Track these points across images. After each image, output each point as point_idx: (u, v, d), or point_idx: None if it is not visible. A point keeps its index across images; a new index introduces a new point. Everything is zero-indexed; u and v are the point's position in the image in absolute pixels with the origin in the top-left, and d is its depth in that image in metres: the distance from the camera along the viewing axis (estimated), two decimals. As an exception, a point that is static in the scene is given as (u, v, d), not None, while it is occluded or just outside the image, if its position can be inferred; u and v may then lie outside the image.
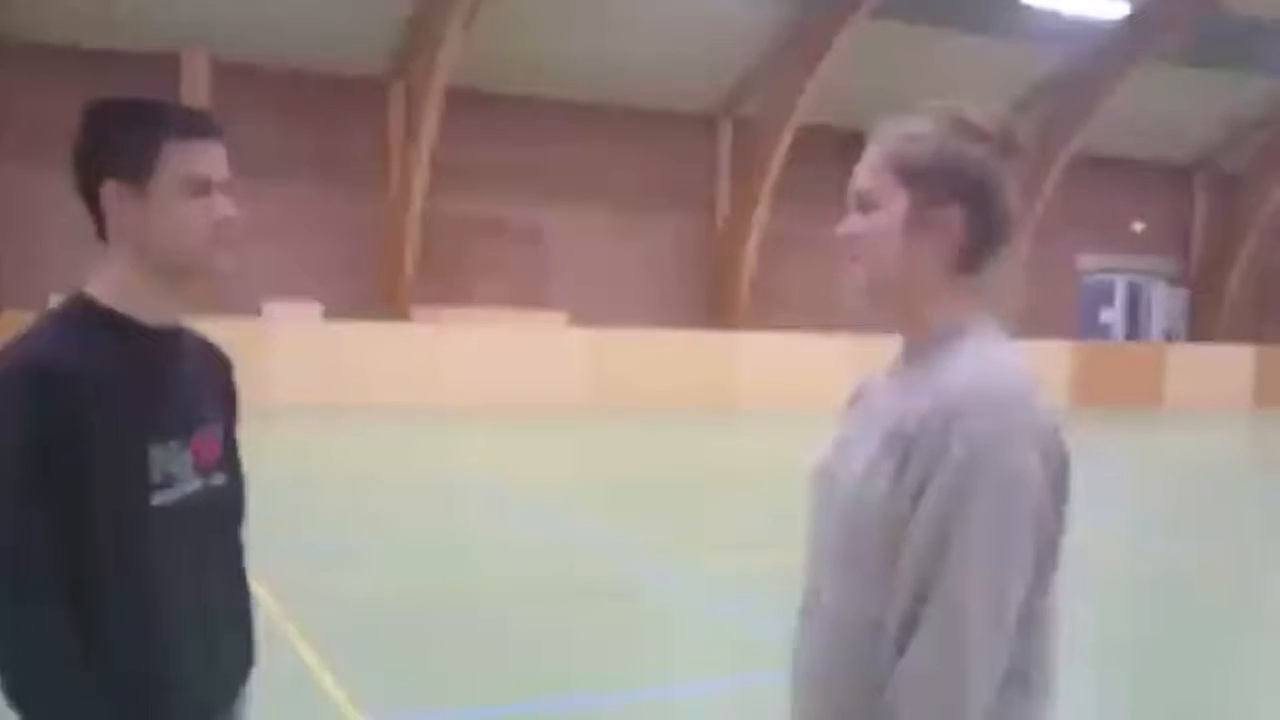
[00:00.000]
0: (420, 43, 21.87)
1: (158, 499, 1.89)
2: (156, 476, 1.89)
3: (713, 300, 26.30)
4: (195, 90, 20.76)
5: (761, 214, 25.30)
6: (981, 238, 1.76)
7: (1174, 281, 32.40)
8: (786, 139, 24.35)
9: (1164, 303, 32.14)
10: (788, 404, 21.25)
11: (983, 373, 1.65)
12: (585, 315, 23.59)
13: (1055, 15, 23.66)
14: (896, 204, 1.75)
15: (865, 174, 1.80)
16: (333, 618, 6.75)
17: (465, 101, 22.82)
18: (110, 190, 1.89)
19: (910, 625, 1.59)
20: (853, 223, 1.81)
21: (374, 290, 23.26)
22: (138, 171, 1.88)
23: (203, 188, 1.91)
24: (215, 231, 1.92)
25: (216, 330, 2.19)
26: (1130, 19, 24.19)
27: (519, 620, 6.87)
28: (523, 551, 8.86)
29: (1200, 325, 31.71)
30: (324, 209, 23.27)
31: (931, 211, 1.74)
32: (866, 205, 1.79)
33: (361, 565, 8.16)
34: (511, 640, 6.44)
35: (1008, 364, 1.69)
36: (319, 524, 9.72)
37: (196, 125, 1.93)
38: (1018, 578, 1.60)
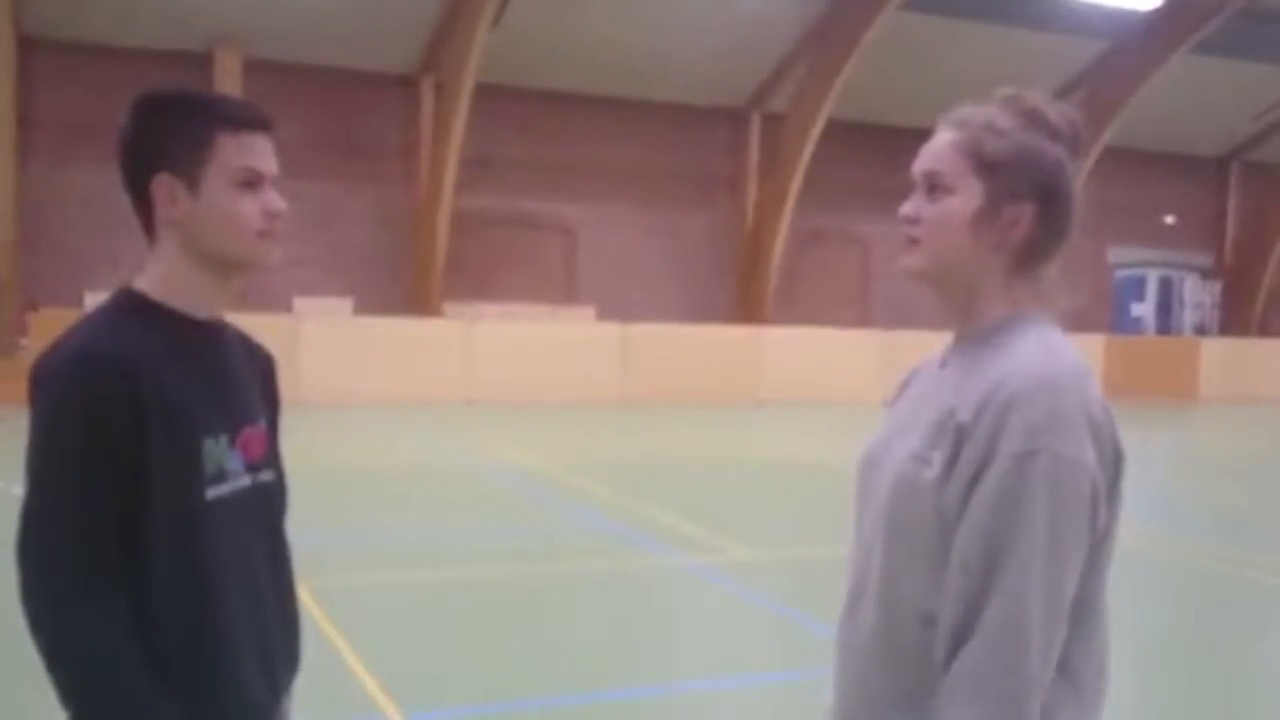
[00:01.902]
0: (450, 39, 21.93)
1: (211, 493, 1.88)
2: (209, 469, 1.89)
3: (741, 294, 26.26)
4: (227, 88, 20.90)
5: (790, 209, 25.23)
6: (1047, 235, 1.76)
7: (1206, 275, 32.09)
8: (816, 134, 24.27)
9: (1196, 296, 31.83)
10: (815, 398, 21.20)
11: (1039, 364, 1.65)
12: (614, 310, 23.61)
13: (1087, 7, 23.48)
14: (970, 194, 1.74)
15: (938, 157, 1.78)
16: (366, 612, 6.79)
17: (495, 97, 22.88)
18: (162, 182, 1.88)
19: (968, 619, 1.58)
20: (919, 204, 1.79)
21: (404, 286, 23.37)
22: (190, 163, 1.87)
23: (254, 180, 1.91)
24: (265, 224, 1.92)
25: (248, 326, 2.20)
26: (1163, 10, 23.96)
27: (554, 612, 6.90)
28: (556, 544, 8.88)
29: (1233, 319, 31.39)
30: (354, 205, 23.40)
31: (1006, 207, 1.73)
32: (936, 188, 1.77)
33: (395, 560, 8.21)
34: (547, 632, 6.47)
35: (1064, 356, 1.69)
36: (351, 519, 9.78)
37: (249, 118, 1.92)
38: (1073, 570, 1.60)
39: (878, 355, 21.41)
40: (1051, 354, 1.68)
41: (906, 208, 1.80)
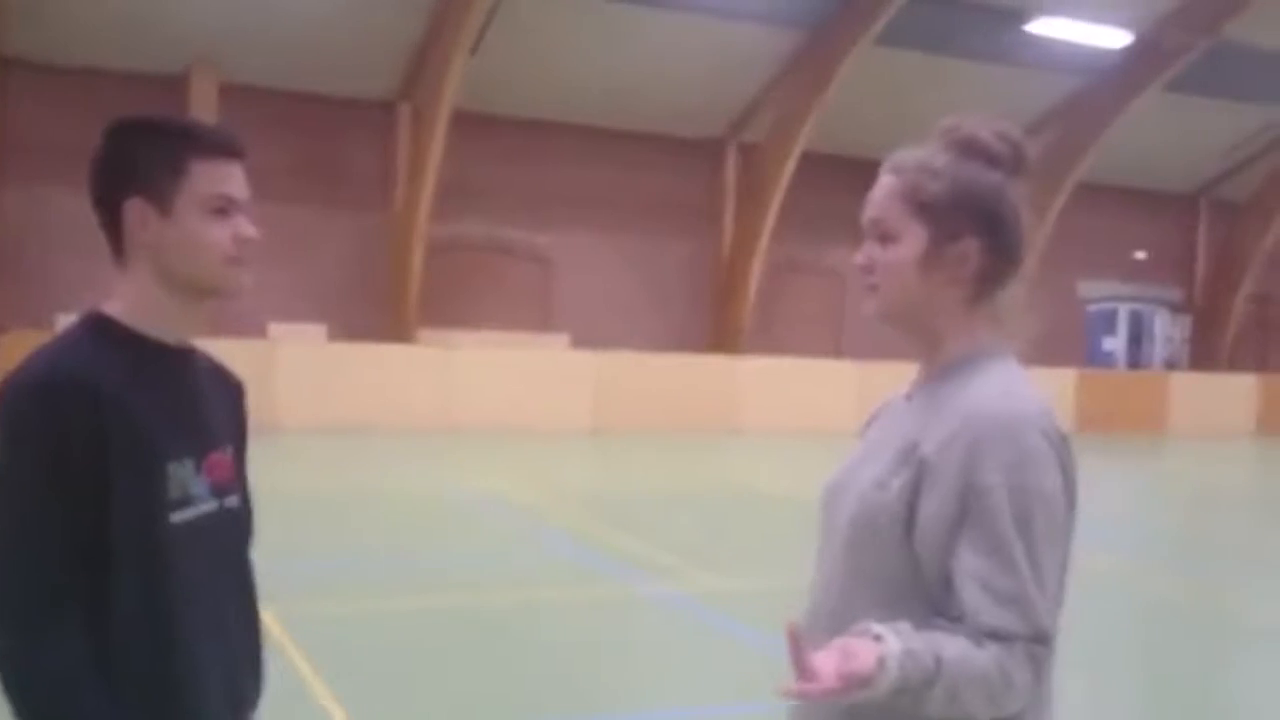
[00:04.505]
0: (427, 65, 21.98)
1: (175, 517, 1.88)
2: (174, 494, 1.88)
3: (716, 324, 26.31)
4: (203, 112, 20.83)
5: (766, 239, 25.35)
6: (998, 263, 1.79)
7: (1177, 309, 32.40)
8: (792, 165, 24.42)
9: (1167, 331, 32.12)
10: (790, 428, 21.23)
11: (1002, 401, 1.69)
12: (589, 338, 23.60)
13: (1059, 44, 23.77)
14: (914, 238, 1.77)
15: (881, 204, 1.81)
16: (337, 640, 6.73)
17: (471, 124, 22.91)
18: (133, 207, 1.89)
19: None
20: (870, 252, 1.82)
21: (379, 312, 23.29)
22: (162, 189, 1.88)
23: (226, 207, 1.91)
24: (235, 250, 1.93)
25: (221, 351, 2.20)
26: (1134, 48, 24.28)
27: (525, 641, 6.86)
28: (528, 572, 8.84)
29: (1203, 353, 31.69)
30: (330, 231, 23.34)
31: (949, 246, 1.76)
32: (883, 236, 1.80)
33: (367, 587, 8.15)
34: (518, 661, 6.43)
35: (1024, 392, 1.72)
36: (323, 546, 9.71)
37: (222, 145, 1.93)
38: (1059, 591, 1.67)
39: (853, 386, 21.47)
40: (1012, 390, 1.71)
41: (859, 257, 1.84)
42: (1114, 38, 23.74)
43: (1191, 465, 21.38)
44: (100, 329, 1.91)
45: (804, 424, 21.02)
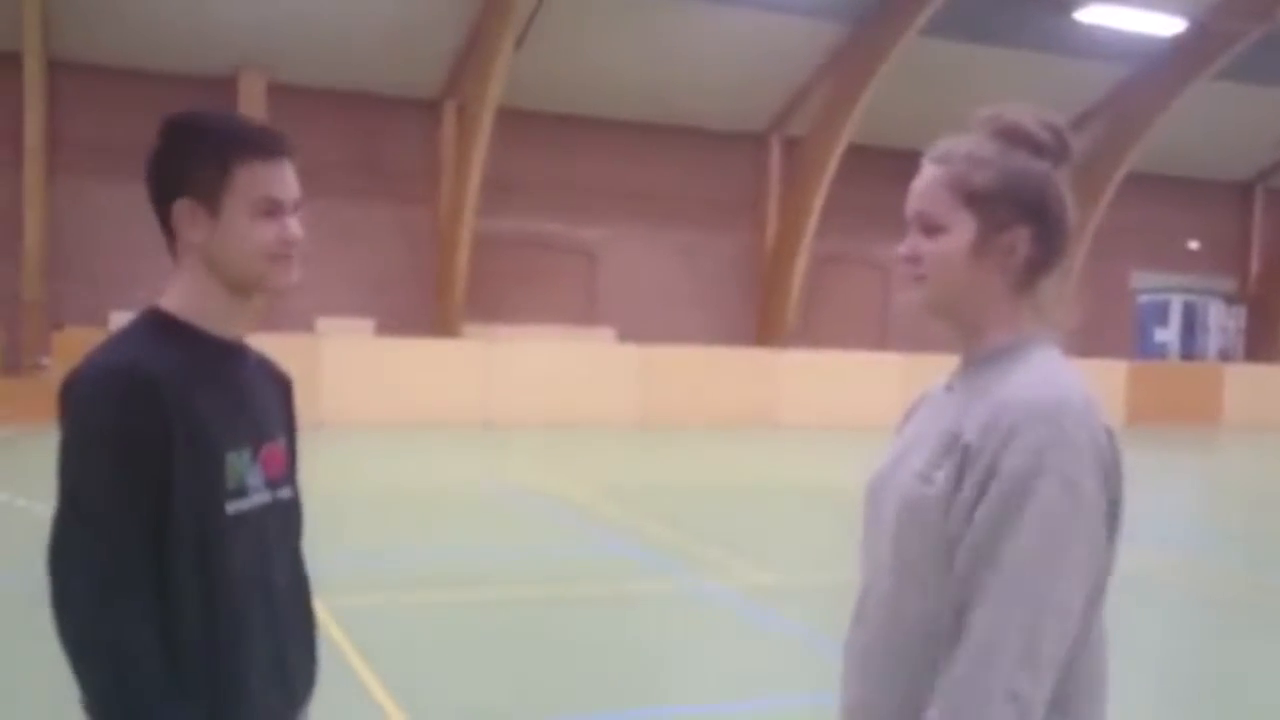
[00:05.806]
0: (472, 63, 22.09)
1: (231, 507, 1.92)
2: (231, 484, 1.92)
3: (761, 318, 26.26)
4: (251, 111, 21.10)
5: (810, 232, 25.25)
6: (1044, 254, 1.77)
7: (1231, 300, 31.90)
8: (836, 158, 24.30)
9: (1220, 321, 31.64)
10: (836, 422, 21.14)
11: (1044, 389, 1.66)
12: (634, 332, 23.63)
13: (1110, 32, 23.46)
14: (964, 228, 1.75)
15: (927, 195, 1.79)
16: (384, 632, 6.79)
17: (516, 120, 23.01)
18: (182, 208, 1.93)
19: (960, 626, 1.60)
20: (917, 244, 1.80)
21: (425, 306, 23.48)
22: (209, 192, 1.91)
23: (274, 209, 1.94)
24: (278, 249, 1.95)
25: (270, 346, 2.23)
26: (1186, 35, 23.92)
27: (569, 634, 6.89)
28: (572, 566, 8.87)
29: (1258, 344, 31.19)
30: (377, 227, 23.54)
31: (1000, 235, 1.74)
32: (931, 228, 1.78)
33: (413, 581, 8.21)
34: (561, 654, 6.45)
35: (1068, 380, 1.70)
36: (368, 540, 9.79)
37: (270, 146, 1.95)
38: (1074, 585, 1.60)
39: (897, 379, 21.36)
40: (1056, 379, 1.69)
41: (904, 248, 1.81)
42: (1165, 24, 23.38)
43: (1247, 458, 21.04)
44: (157, 324, 1.96)
45: (850, 417, 20.92)
